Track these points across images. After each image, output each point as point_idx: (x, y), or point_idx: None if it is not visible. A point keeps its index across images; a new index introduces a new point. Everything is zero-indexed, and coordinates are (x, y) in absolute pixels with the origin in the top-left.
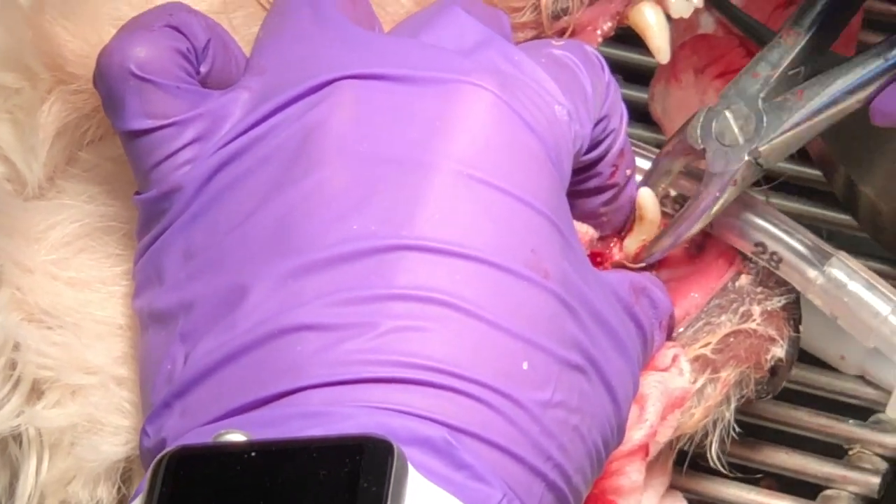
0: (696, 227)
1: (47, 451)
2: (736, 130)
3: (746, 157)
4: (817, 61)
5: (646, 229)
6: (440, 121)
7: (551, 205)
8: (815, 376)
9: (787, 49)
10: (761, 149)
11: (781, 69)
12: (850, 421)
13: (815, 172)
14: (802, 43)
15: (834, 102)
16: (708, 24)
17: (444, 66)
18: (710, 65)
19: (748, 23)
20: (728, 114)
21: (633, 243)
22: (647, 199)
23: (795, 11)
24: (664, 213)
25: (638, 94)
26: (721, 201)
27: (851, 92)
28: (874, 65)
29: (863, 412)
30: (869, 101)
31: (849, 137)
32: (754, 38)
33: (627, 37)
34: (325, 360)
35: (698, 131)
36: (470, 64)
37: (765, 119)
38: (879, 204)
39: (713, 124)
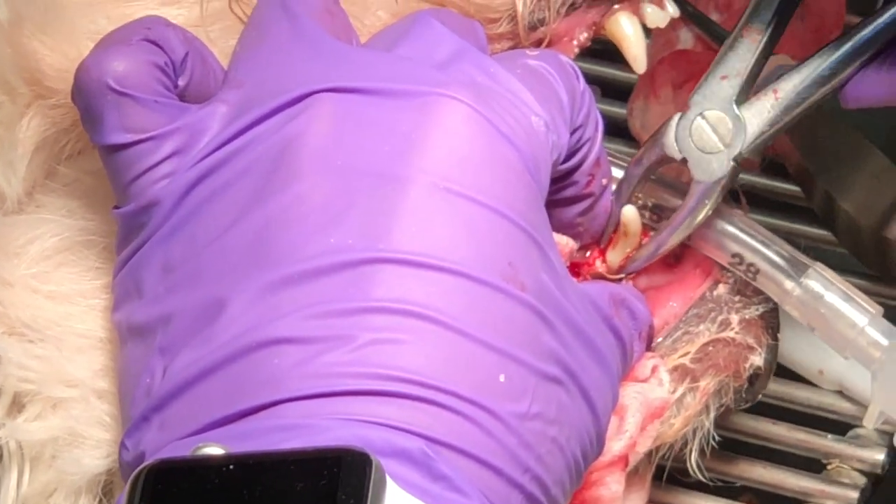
0: (682, 236)
1: (28, 463)
2: (715, 137)
3: (731, 163)
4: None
5: (630, 243)
6: (417, 134)
7: (529, 217)
8: (794, 391)
9: (750, 47)
10: (745, 152)
11: (749, 69)
12: (829, 436)
13: (793, 188)
14: (764, 40)
15: (809, 94)
16: (687, 40)
17: (421, 79)
18: (689, 80)
19: (727, 38)
20: (702, 120)
21: (616, 257)
22: (630, 216)
23: (749, 9)
24: (643, 225)
25: (617, 110)
26: (706, 209)
27: (823, 82)
28: (842, 51)
29: (841, 427)
30: (841, 86)
31: (827, 153)
32: None
33: (606, 52)
34: (302, 373)
35: (674, 141)
36: (446, 77)
37: (743, 122)
38: (858, 219)
39: (689, 132)
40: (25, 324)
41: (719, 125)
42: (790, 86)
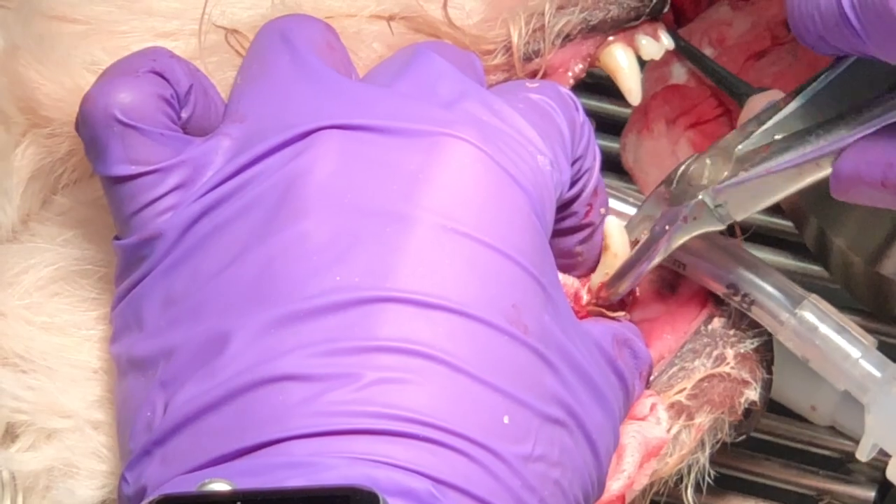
0: (652, 264)
1: (21, 494)
2: (705, 174)
3: (700, 196)
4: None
5: (609, 262)
6: (423, 173)
7: (534, 258)
8: (787, 427)
9: (776, 109)
10: (718, 191)
11: (766, 127)
12: (821, 472)
13: (786, 223)
14: (793, 108)
15: (798, 162)
16: (680, 75)
17: (428, 117)
18: (682, 115)
19: (720, 74)
20: (707, 160)
21: (597, 277)
22: (613, 227)
23: (804, 84)
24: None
25: (610, 144)
26: (668, 237)
27: (818, 158)
28: (844, 133)
29: (834, 463)
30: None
31: (820, 188)
32: (726, 89)
33: (600, 86)
34: (308, 411)
35: (678, 175)
36: (452, 116)
37: (730, 167)
38: (851, 255)
39: (691, 168)
40: (19, 354)
41: (715, 166)
42: (783, 145)
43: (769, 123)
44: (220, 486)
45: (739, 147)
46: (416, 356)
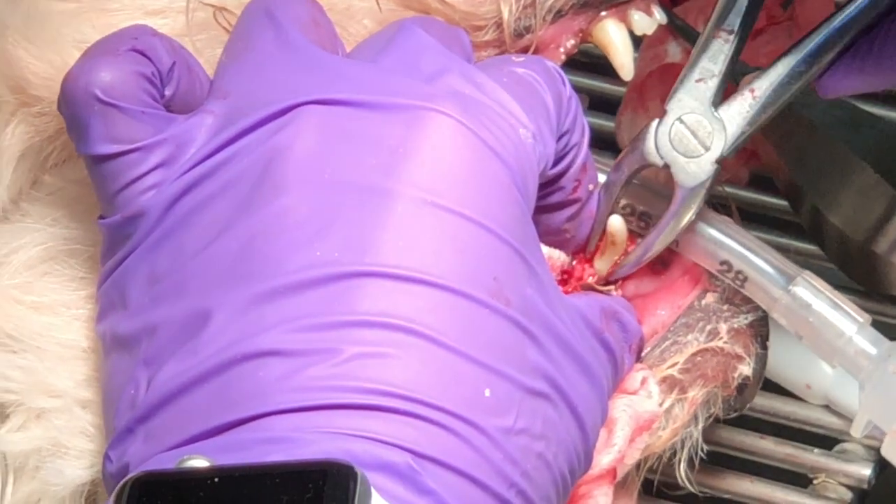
0: (668, 240)
1: (12, 474)
2: (695, 141)
3: (714, 166)
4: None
5: (617, 251)
6: (404, 148)
7: (515, 232)
8: (781, 405)
9: (722, 48)
10: (726, 153)
11: (723, 69)
12: (816, 450)
13: (781, 202)
14: (735, 39)
15: (785, 91)
16: (675, 54)
17: (408, 92)
18: None
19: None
20: (681, 125)
21: (604, 265)
22: (617, 226)
23: (718, 10)
24: (630, 231)
25: (605, 123)
26: (691, 213)
27: (798, 77)
28: (814, 45)
29: (828, 441)
30: (817, 79)
31: (815, 168)
32: None
33: (594, 65)
34: (288, 386)
35: (655, 147)
36: (433, 89)
37: (723, 123)
38: (846, 234)
39: (669, 137)
40: (8, 334)
41: (699, 128)
42: (766, 84)
43: (724, 65)
44: (199, 463)
45: (712, 100)
46: (396, 330)
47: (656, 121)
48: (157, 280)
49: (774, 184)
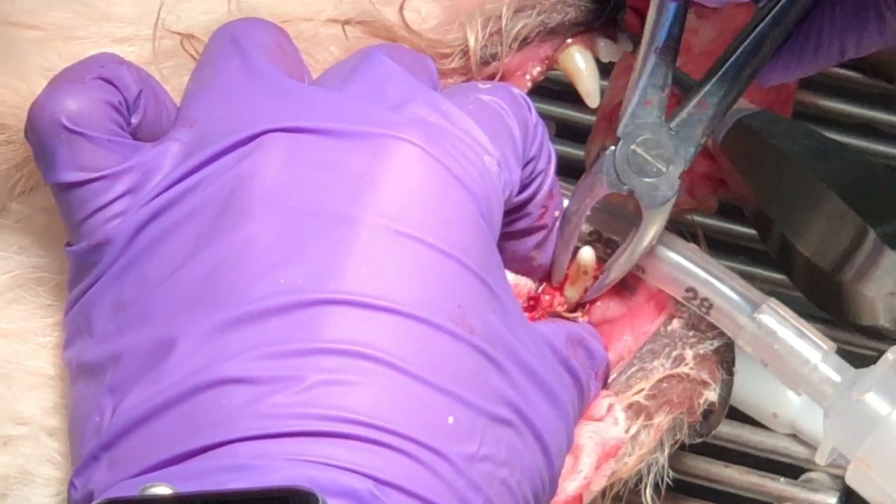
0: (634, 259)
1: None
2: (654, 161)
3: (678, 181)
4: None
5: (588, 279)
6: (368, 176)
7: (479, 259)
8: (747, 434)
9: (660, 65)
10: (685, 168)
11: (666, 85)
12: (782, 479)
13: (749, 231)
14: (671, 55)
15: (733, 96)
16: None
17: (373, 120)
18: None
19: (686, 82)
20: (636, 148)
21: (574, 293)
22: (587, 258)
23: (647, 33)
24: (598, 259)
25: (572, 150)
26: (657, 228)
27: (744, 80)
28: (746, 42)
29: (794, 470)
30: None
31: (783, 197)
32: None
33: (561, 92)
34: (251, 414)
35: (615, 174)
36: (398, 117)
37: (679, 137)
38: (813, 263)
39: (628, 163)
40: None
41: (656, 147)
42: (714, 93)
43: (668, 83)
44: (162, 490)
45: (663, 118)
46: (359, 357)
47: (611, 148)
48: (123, 308)
49: (742, 212)
